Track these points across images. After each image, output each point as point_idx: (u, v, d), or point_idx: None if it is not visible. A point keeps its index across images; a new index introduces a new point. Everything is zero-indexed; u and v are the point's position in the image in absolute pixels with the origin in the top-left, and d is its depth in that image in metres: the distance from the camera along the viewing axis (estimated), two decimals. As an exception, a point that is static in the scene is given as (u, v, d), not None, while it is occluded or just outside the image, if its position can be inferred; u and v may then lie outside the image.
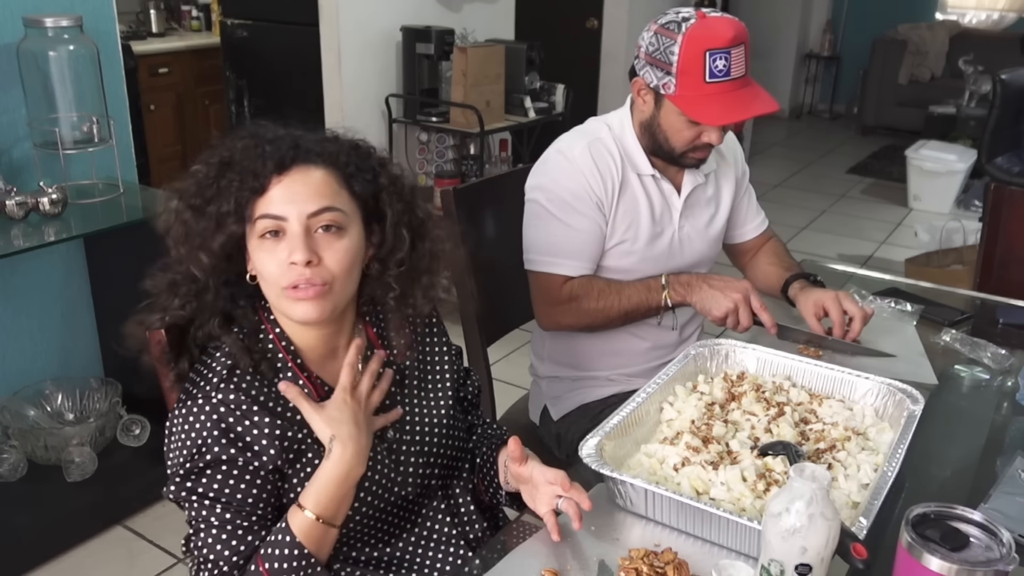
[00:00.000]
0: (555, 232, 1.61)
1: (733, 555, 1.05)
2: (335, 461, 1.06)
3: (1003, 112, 4.01)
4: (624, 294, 1.61)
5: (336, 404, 1.09)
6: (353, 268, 1.09)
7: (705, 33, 1.46)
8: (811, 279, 1.72)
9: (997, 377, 1.56)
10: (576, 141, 1.63)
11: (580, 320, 1.63)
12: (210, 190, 1.05)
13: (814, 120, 7.92)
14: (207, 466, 1.04)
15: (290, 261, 1.03)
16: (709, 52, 1.46)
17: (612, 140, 1.63)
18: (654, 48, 1.51)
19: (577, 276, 1.61)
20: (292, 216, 1.04)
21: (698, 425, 1.26)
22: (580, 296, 1.61)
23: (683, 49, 1.47)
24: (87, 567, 2.18)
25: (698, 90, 1.48)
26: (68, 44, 2.17)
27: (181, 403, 1.08)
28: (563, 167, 1.61)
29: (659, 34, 1.51)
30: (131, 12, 4.70)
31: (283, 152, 1.05)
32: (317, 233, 1.05)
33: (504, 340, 1.91)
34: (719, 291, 1.55)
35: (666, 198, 1.68)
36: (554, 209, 1.60)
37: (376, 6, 3.46)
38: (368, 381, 1.14)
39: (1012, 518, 1.12)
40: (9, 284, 2.34)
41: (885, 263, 4.33)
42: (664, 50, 1.49)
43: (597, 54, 5.02)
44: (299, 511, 1.05)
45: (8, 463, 2.24)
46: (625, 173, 1.63)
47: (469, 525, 1.26)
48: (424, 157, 3.78)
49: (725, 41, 1.46)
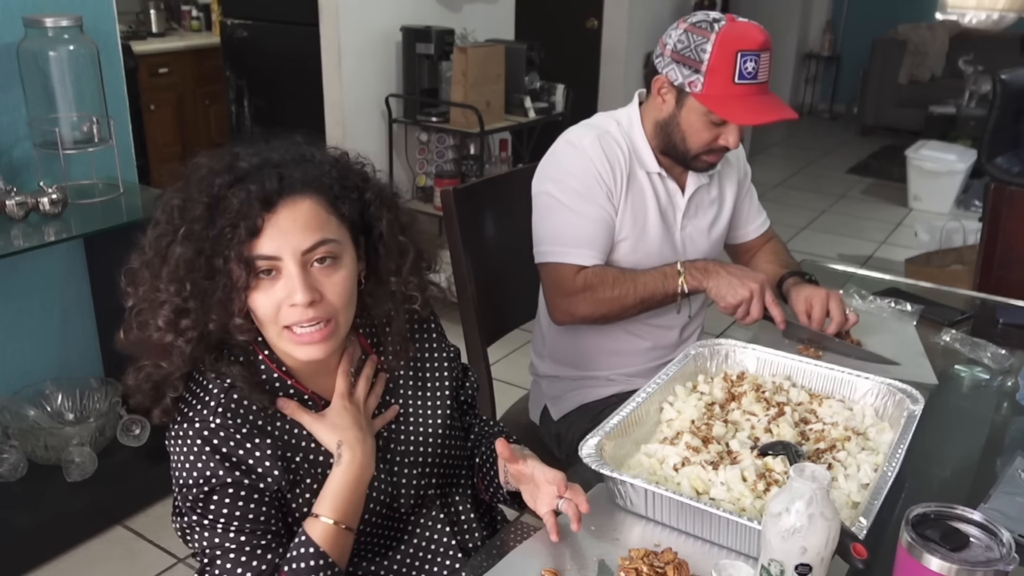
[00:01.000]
0: (567, 221, 1.60)
1: (733, 555, 1.05)
2: (346, 466, 1.06)
3: (1003, 112, 4.01)
4: (639, 281, 1.60)
5: (336, 411, 1.09)
6: (352, 295, 1.07)
7: (738, 34, 1.48)
8: (806, 277, 1.72)
9: (997, 377, 1.56)
10: (586, 133, 1.63)
11: (596, 310, 1.61)
12: (205, 243, 0.99)
13: (814, 120, 7.92)
14: (212, 491, 1.02)
15: (290, 303, 1.00)
16: (741, 53, 1.47)
17: (620, 135, 1.64)
18: (683, 46, 1.52)
19: (590, 265, 1.61)
20: (286, 255, 0.99)
21: (698, 425, 1.26)
22: (595, 285, 1.59)
23: (716, 48, 1.48)
24: (87, 567, 2.18)
25: (726, 90, 1.50)
26: (68, 44, 2.17)
27: (178, 425, 1.05)
28: (573, 157, 1.61)
29: (690, 32, 1.51)
30: (131, 12, 4.70)
31: (268, 189, 0.99)
32: (313, 268, 1.01)
33: (504, 340, 1.91)
34: (736, 279, 1.55)
35: (671, 197, 1.68)
36: (565, 199, 1.60)
37: (376, 6, 3.46)
38: (364, 385, 1.13)
39: (1012, 518, 1.12)
40: (9, 284, 2.34)
41: (885, 263, 4.33)
42: (695, 48, 1.50)
43: (597, 54, 5.02)
44: (317, 520, 1.04)
45: (8, 463, 2.24)
46: (632, 167, 1.63)
47: (469, 534, 1.24)
48: (424, 157, 3.78)
49: (756, 44, 1.48)
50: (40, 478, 2.28)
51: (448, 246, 1.79)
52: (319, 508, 1.06)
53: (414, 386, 1.22)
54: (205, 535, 1.03)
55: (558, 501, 1.09)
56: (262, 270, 1.00)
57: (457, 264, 1.79)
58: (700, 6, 5.36)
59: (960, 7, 7.35)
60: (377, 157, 3.54)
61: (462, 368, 1.33)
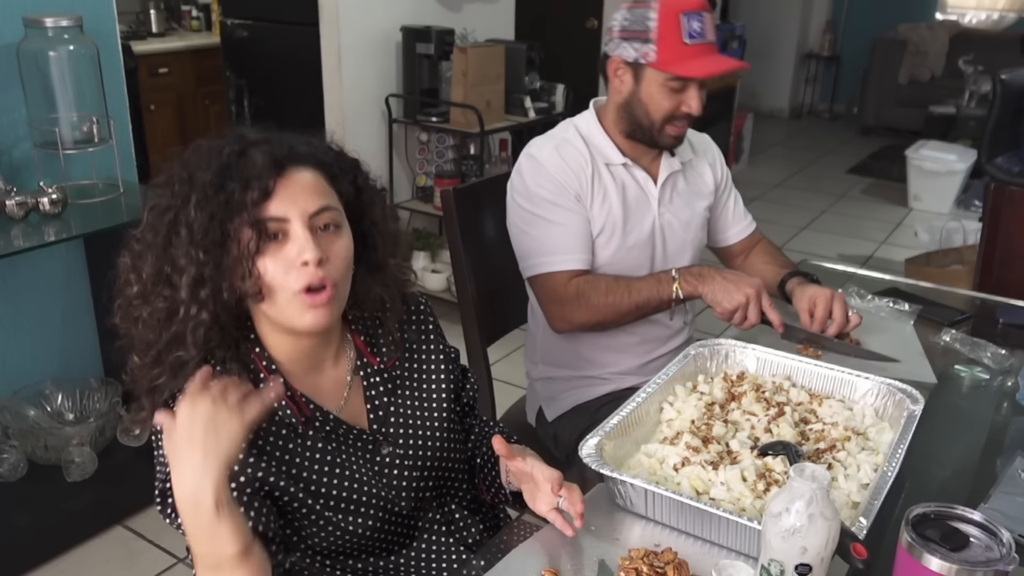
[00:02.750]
0: (546, 231, 1.62)
1: (733, 555, 1.05)
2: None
3: (1003, 112, 4.01)
4: (634, 287, 1.61)
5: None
6: (350, 270, 1.08)
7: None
8: (810, 278, 1.72)
9: (997, 377, 1.56)
10: (544, 144, 1.67)
11: (592, 316, 1.62)
12: (218, 207, 0.99)
13: (814, 120, 7.92)
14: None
15: (301, 261, 1.00)
16: (684, 14, 1.54)
17: (580, 138, 1.68)
18: (629, 22, 1.58)
19: (578, 270, 1.62)
20: (295, 217, 1.01)
21: (698, 425, 1.26)
22: (587, 291, 1.61)
23: (660, 14, 1.55)
24: (87, 567, 2.18)
25: (679, 51, 1.55)
26: (68, 44, 2.17)
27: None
28: (535, 169, 1.64)
29: (632, 8, 1.59)
30: (131, 12, 4.70)
31: (277, 154, 1.02)
32: (318, 233, 1.03)
33: (504, 340, 1.91)
34: (732, 284, 1.56)
35: (641, 186, 1.69)
36: (538, 211, 1.62)
37: (376, 6, 3.46)
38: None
39: (1012, 518, 1.12)
40: (9, 284, 2.34)
41: (885, 263, 4.33)
42: (640, 20, 1.57)
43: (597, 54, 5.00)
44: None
45: (8, 463, 2.24)
46: (596, 165, 1.66)
47: (466, 530, 1.24)
48: (424, 157, 3.78)
49: (695, 5, 1.56)
50: (40, 478, 2.28)
51: (448, 246, 1.79)
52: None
53: (411, 386, 1.21)
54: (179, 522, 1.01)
55: (558, 500, 1.08)
56: (271, 233, 1.01)
57: (457, 264, 1.79)
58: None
59: (960, 7, 7.35)
60: (377, 157, 3.56)
61: (461, 370, 1.32)
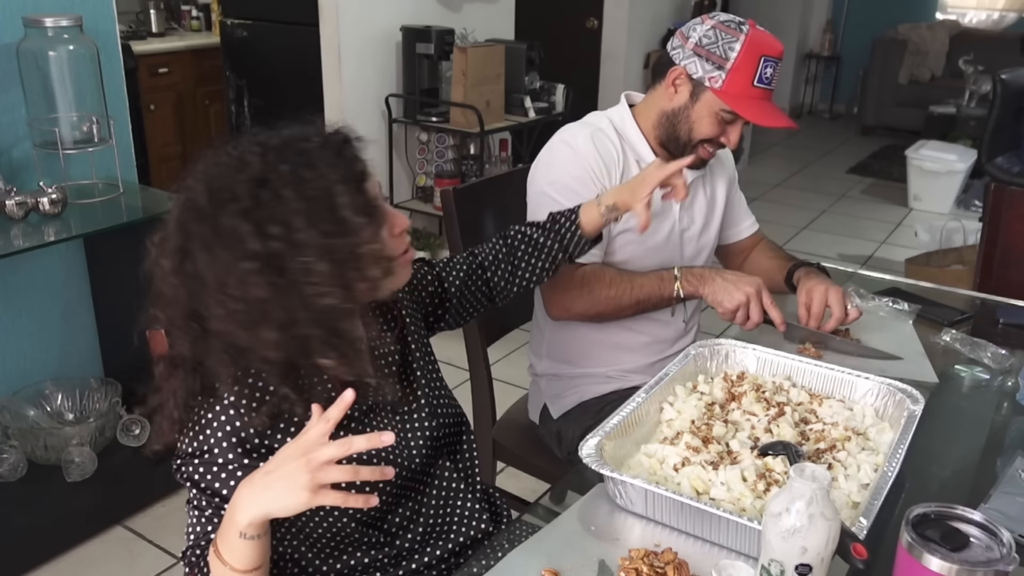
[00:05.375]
0: None
1: (733, 555, 1.05)
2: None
3: (1003, 112, 4.01)
4: (636, 283, 1.62)
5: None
6: None
7: (763, 41, 1.55)
8: (816, 266, 1.73)
9: (997, 377, 1.56)
10: (580, 131, 1.66)
11: (592, 307, 1.63)
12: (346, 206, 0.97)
13: (814, 120, 7.92)
14: (213, 465, 1.01)
15: (398, 231, 1.07)
16: (765, 58, 1.53)
17: (613, 130, 1.67)
18: (709, 41, 1.55)
19: (587, 262, 1.62)
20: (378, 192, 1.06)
21: (698, 425, 1.26)
22: (592, 282, 1.61)
23: (744, 49, 1.53)
24: (87, 567, 2.18)
25: (745, 90, 1.55)
26: (68, 44, 2.17)
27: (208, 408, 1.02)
28: (568, 155, 1.63)
29: (718, 29, 1.55)
30: (131, 12, 4.69)
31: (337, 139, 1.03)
32: None
33: (504, 340, 1.91)
34: (732, 284, 1.56)
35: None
36: (561, 197, 1.61)
37: (376, 6, 3.46)
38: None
39: (1012, 518, 1.12)
40: (9, 284, 2.34)
41: (885, 263, 4.33)
42: (723, 45, 1.54)
43: (597, 54, 5.02)
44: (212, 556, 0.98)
45: (8, 463, 2.24)
46: (627, 161, 1.66)
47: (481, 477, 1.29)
48: (424, 157, 3.78)
49: (777, 52, 1.56)
50: (40, 478, 2.28)
51: (448, 246, 1.79)
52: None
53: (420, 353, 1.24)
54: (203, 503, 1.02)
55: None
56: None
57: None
58: (700, 7, 5.37)
59: (960, 7, 7.35)
60: (377, 157, 3.56)
61: (437, 278, 1.35)
